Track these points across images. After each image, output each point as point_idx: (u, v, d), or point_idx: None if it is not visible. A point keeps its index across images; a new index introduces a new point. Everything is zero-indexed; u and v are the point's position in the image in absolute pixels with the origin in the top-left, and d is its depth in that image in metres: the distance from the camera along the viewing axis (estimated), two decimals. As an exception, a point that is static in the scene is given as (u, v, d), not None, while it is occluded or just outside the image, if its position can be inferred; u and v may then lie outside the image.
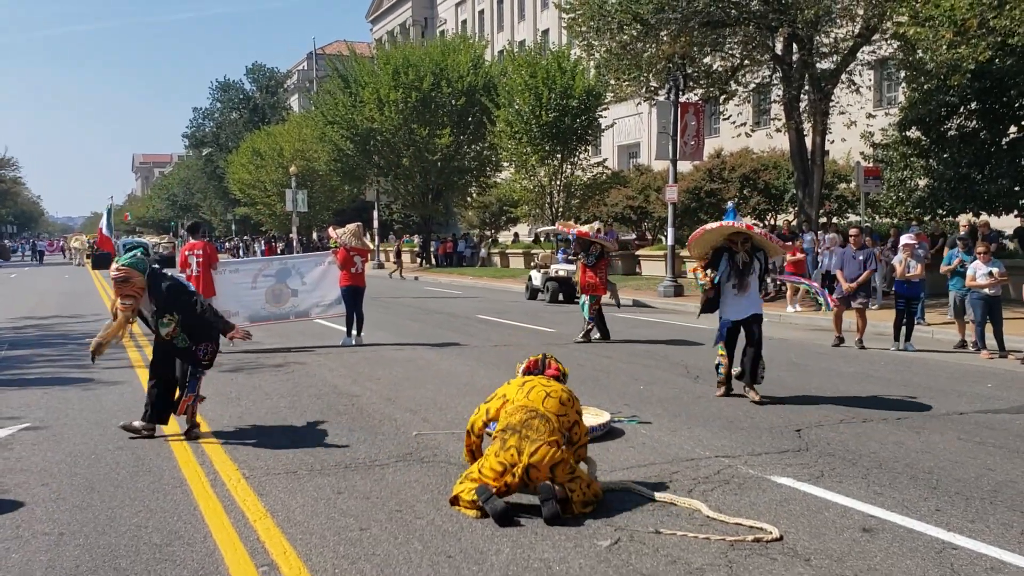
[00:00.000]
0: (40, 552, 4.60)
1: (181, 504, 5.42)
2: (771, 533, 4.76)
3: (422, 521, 5.07)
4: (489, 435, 5.95)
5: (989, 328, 12.58)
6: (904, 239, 13.95)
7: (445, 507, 5.31)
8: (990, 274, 12.42)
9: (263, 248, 54.60)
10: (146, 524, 5.03)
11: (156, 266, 7.65)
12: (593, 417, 6.93)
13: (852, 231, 14.64)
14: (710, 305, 8.98)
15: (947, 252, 15.04)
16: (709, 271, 8.79)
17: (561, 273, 22.26)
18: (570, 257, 22.90)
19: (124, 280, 6.95)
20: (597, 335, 13.77)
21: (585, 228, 14.38)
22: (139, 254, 7.30)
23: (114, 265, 7.10)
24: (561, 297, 22.04)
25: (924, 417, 8.04)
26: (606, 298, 14.54)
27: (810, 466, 6.28)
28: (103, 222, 25.36)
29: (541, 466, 5.16)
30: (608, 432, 7.10)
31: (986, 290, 12.43)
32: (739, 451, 6.71)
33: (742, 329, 8.86)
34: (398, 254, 40.18)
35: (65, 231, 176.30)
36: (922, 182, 21.76)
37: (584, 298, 13.80)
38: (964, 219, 20.22)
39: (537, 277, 23.59)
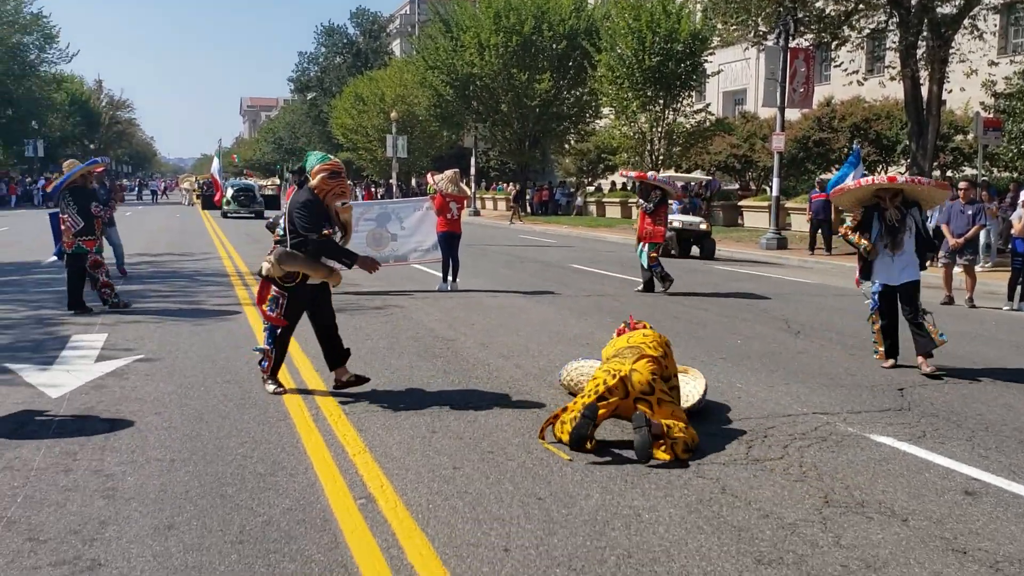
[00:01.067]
0: (153, 477, 4.87)
1: (284, 437, 5.64)
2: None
3: (513, 463, 5.15)
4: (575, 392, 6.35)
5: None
6: (1025, 195, 13.24)
7: (537, 450, 5.38)
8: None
9: (363, 193, 55.51)
10: (251, 454, 5.26)
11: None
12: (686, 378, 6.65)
13: (961, 184, 13.99)
14: (868, 270, 8.26)
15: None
16: (862, 234, 8.08)
17: (675, 224, 20.22)
18: (687, 207, 21.53)
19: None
20: (660, 287, 13.32)
21: (649, 175, 13.88)
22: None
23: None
24: (674, 252, 20.26)
25: (1037, 380, 7.70)
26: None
27: (912, 426, 6.11)
28: (214, 165, 26.12)
29: (642, 369, 5.56)
30: (703, 395, 6.78)
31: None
32: (838, 408, 6.56)
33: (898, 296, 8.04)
34: (516, 198, 40.03)
35: (177, 172, 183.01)
36: (1048, 134, 20.57)
37: (642, 246, 13.38)
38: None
39: None
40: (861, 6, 22.04)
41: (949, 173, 29.48)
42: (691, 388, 6.39)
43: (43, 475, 4.87)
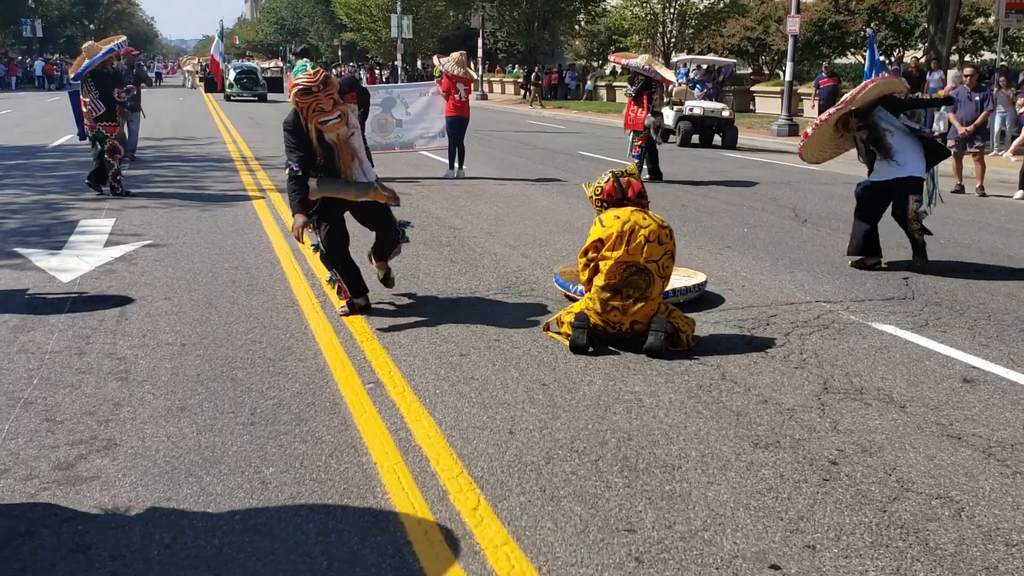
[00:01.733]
0: (164, 360, 4.97)
1: (293, 323, 5.72)
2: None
3: (519, 351, 5.23)
4: (573, 299, 5.98)
5: None
6: (1044, 80, 12.92)
7: (541, 338, 5.45)
8: None
9: (367, 76, 54.43)
10: (260, 339, 5.34)
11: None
12: (685, 279, 6.61)
13: (967, 71, 13.65)
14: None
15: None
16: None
17: (696, 111, 19.57)
18: (710, 91, 21.21)
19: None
20: (647, 176, 12.71)
21: (636, 61, 13.00)
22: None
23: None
24: (696, 139, 19.63)
25: (1043, 270, 7.70)
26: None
27: (915, 314, 6.15)
28: (214, 47, 25.52)
29: (646, 320, 5.22)
30: (703, 283, 6.79)
31: None
32: (842, 297, 6.60)
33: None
34: (533, 81, 38.70)
35: (179, 54, 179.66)
36: (1073, 16, 19.90)
37: (631, 134, 12.91)
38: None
39: (669, 115, 19.62)
40: None
41: (968, 58, 28.75)
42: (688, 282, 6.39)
43: (57, 358, 4.97)
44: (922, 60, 23.58)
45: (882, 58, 25.09)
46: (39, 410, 4.23)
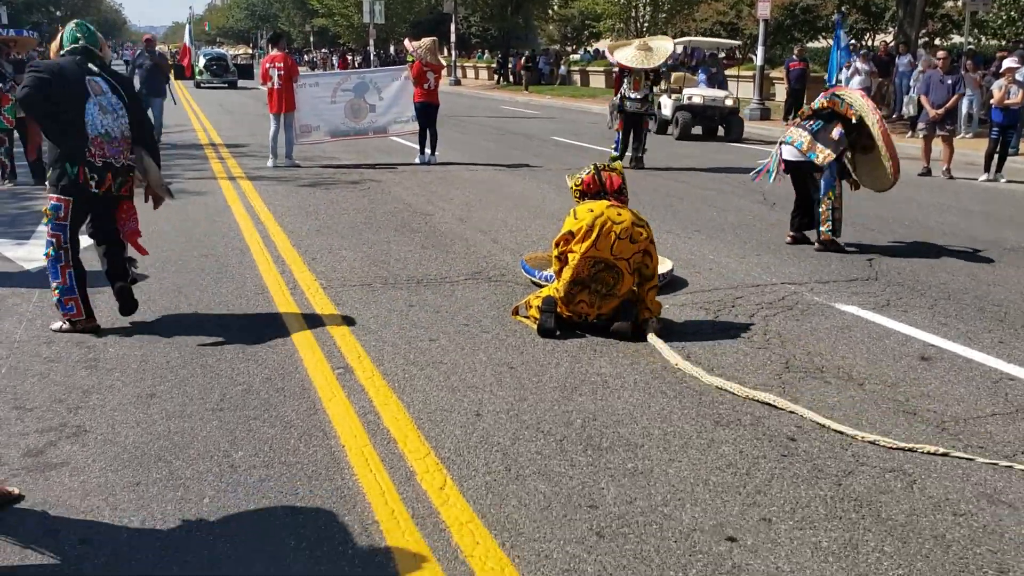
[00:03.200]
0: (134, 348, 4.98)
1: (262, 310, 5.74)
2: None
3: (488, 335, 5.29)
4: (541, 285, 6.02)
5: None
6: (1007, 62, 13.12)
7: (510, 323, 5.52)
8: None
9: (338, 61, 54.02)
10: (230, 326, 5.36)
11: None
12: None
13: (940, 54, 13.83)
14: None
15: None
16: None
17: (696, 100, 17.76)
18: (713, 76, 18.39)
19: None
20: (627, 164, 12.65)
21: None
22: None
23: None
24: (699, 131, 18.07)
25: (1002, 250, 7.86)
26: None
27: (877, 295, 6.27)
28: (186, 35, 25.24)
29: (612, 313, 5.29)
30: (670, 270, 6.86)
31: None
32: (806, 278, 6.72)
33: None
34: (524, 67, 38.70)
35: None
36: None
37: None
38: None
39: (668, 104, 18.33)
40: None
41: (938, 41, 29.03)
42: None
43: (25, 347, 4.97)
44: (891, 44, 23.80)
45: (853, 42, 25.32)
46: (8, 398, 4.24)
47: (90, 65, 5.23)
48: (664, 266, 6.59)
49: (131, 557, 2.96)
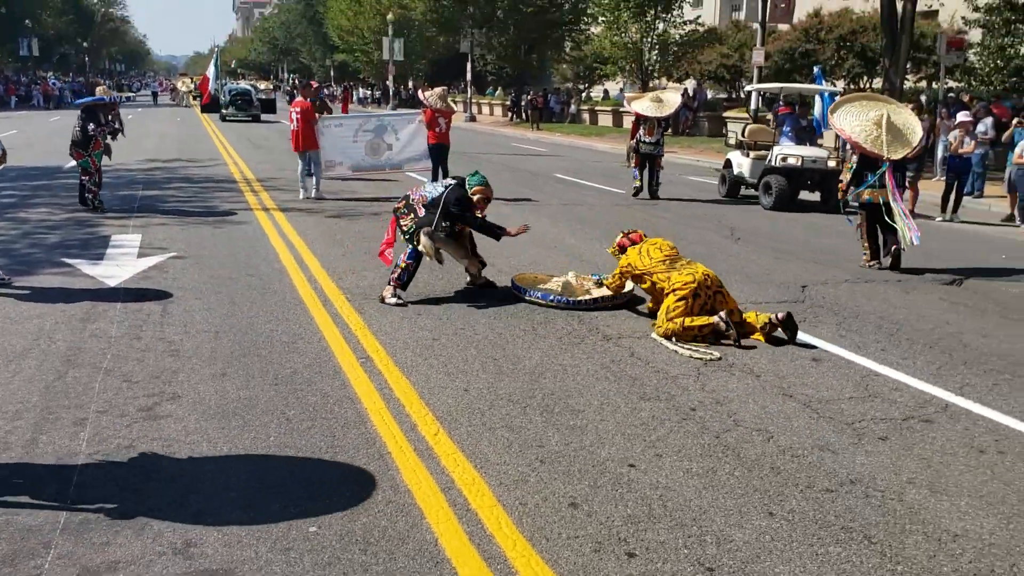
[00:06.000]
0: (205, 342, 6.45)
1: (301, 316, 7.21)
2: (713, 355, 6.33)
3: (479, 336, 6.74)
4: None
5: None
6: (960, 117, 14.59)
7: (498, 326, 6.97)
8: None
9: (341, 93, 55.64)
10: (276, 329, 6.83)
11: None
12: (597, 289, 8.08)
13: (911, 105, 15.27)
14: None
15: (1015, 128, 15.64)
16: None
17: (792, 161, 14.36)
18: (803, 129, 15.20)
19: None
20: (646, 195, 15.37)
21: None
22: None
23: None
24: (794, 198, 14.58)
25: (923, 280, 9.26)
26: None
27: (798, 314, 7.65)
28: (211, 67, 26.94)
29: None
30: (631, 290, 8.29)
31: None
32: (744, 300, 8.11)
33: None
34: (532, 105, 40.76)
35: (169, 70, 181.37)
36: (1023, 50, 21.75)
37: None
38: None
39: (745, 164, 15.61)
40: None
41: (935, 85, 30.46)
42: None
43: (121, 341, 6.45)
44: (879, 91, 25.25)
45: (841, 85, 26.77)
46: (117, 375, 5.71)
47: None
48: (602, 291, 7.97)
49: (227, 469, 4.40)
